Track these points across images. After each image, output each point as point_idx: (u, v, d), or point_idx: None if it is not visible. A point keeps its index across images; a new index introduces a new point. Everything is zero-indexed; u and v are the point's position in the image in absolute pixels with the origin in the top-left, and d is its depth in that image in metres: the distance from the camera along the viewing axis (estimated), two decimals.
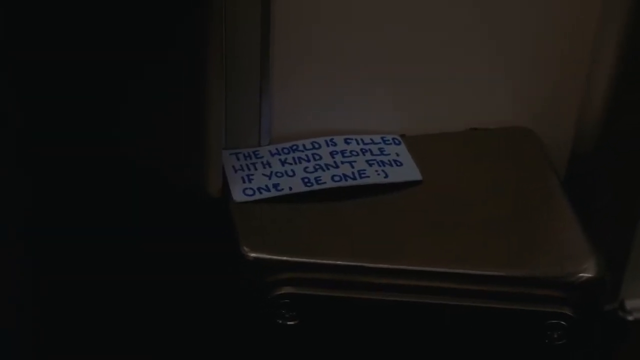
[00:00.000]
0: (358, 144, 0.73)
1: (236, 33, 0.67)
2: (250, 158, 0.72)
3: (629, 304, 0.78)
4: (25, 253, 0.67)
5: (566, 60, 0.74)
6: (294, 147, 0.73)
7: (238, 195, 0.69)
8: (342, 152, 0.72)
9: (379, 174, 0.71)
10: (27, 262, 0.67)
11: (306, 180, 0.70)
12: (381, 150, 0.73)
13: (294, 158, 0.72)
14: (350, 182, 0.70)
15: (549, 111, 0.76)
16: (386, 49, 0.72)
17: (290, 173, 0.71)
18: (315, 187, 0.70)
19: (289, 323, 0.66)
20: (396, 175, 0.71)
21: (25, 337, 0.69)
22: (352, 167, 0.71)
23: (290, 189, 0.70)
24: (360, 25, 0.71)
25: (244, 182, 0.70)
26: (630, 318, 0.78)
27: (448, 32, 0.72)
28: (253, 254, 0.66)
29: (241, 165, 0.71)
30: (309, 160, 0.72)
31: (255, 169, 0.71)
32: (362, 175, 0.71)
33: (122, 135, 0.65)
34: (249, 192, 0.69)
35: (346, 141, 0.73)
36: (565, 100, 0.75)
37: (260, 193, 0.69)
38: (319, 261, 0.66)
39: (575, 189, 0.74)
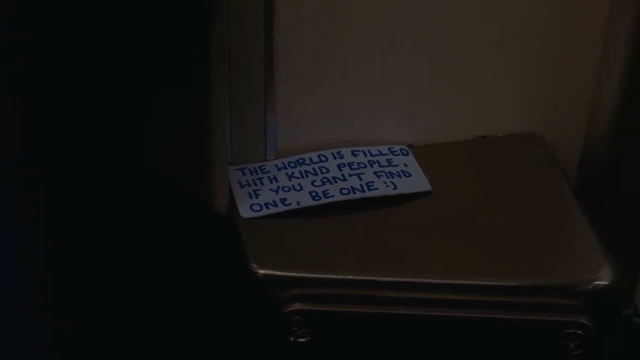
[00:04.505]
0: (365, 155, 0.72)
1: (240, 46, 0.67)
2: (257, 173, 0.71)
3: None
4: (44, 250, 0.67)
5: (575, 66, 0.74)
6: (301, 161, 0.72)
7: (245, 212, 0.68)
8: (350, 165, 0.72)
9: (387, 186, 0.70)
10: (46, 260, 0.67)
11: (314, 194, 0.69)
12: (389, 161, 0.72)
13: (300, 172, 0.71)
14: (358, 195, 0.69)
15: (558, 117, 0.75)
16: (392, 58, 0.71)
17: (298, 187, 0.70)
18: (324, 200, 0.69)
19: (300, 340, 0.65)
20: (405, 186, 0.70)
21: (26, 337, 0.69)
22: (360, 179, 0.70)
23: (298, 203, 0.69)
24: (365, 36, 0.70)
25: (250, 197, 0.69)
26: None
27: (454, 40, 0.71)
28: (262, 271, 0.65)
29: (247, 181, 0.71)
30: (316, 174, 0.71)
31: (262, 184, 0.70)
32: (371, 188, 0.70)
33: (127, 151, 0.64)
34: (256, 207, 0.69)
35: (353, 153, 0.73)
36: (574, 106, 0.75)
37: (268, 208, 0.69)
38: (329, 276, 0.65)
39: (586, 195, 0.73)
